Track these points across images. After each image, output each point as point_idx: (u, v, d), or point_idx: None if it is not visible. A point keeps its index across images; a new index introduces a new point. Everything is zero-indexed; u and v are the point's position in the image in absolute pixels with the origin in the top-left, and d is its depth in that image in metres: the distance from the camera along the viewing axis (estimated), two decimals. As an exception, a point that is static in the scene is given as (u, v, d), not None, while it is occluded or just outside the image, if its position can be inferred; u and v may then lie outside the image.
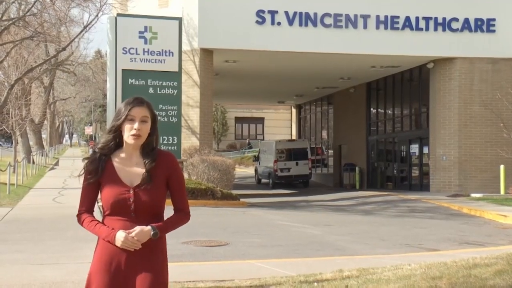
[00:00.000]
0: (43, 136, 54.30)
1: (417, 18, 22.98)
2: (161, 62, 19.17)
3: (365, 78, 29.68)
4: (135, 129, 3.31)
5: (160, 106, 18.55)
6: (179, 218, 3.42)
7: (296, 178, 32.23)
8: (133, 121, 3.33)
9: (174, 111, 19.17)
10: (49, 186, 23.11)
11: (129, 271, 3.28)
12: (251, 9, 22.19)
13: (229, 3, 22.36)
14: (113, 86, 18.81)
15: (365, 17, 22.76)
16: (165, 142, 18.59)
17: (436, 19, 23.08)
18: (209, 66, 22.55)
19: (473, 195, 21.17)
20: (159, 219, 3.36)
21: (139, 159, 3.38)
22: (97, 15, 27.59)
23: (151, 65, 19.10)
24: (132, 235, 3.23)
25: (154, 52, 19.12)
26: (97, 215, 3.42)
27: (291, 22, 22.38)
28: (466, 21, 23.17)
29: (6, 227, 12.58)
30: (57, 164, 41.93)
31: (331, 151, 36.99)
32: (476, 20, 23.19)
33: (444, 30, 23.14)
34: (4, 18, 24.78)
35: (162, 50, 19.18)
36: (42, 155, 40.31)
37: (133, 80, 18.85)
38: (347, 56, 23.54)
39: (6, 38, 26.62)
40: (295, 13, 22.38)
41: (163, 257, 3.38)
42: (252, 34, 22.20)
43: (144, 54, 19.05)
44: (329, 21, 22.63)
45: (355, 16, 22.70)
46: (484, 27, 23.23)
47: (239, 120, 56.43)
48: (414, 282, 6.76)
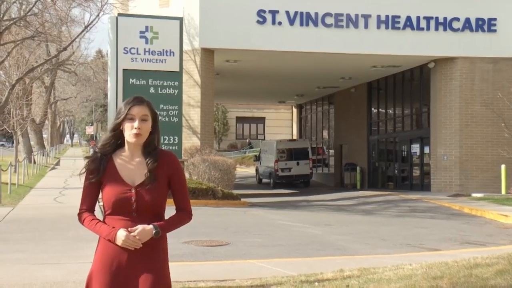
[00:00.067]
0: (44, 136, 54.34)
1: (418, 18, 22.97)
2: (162, 62, 19.17)
3: (366, 78, 29.67)
4: (135, 127, 3.31)
5: (161, 106, 18.55)
6: (181, 217, 3.42)
7: (297, 178, 32.22)
8: (133, 120, 3.33)
9: (175, 111, 19.17)
10: (50, 186, 23.12)
11: (130, 271, 3.27)
12: (252, 9, 22.19)
13: (230, 3, 22.36)
14: (114, 86, 18.81)
15: (366, 17, 22.76)
16: (166, 142, 18.59)
17: (437, 18, 23.07)
18: (210, 66, 22.55)
19: (474, 195, 21.16)
20: (160, 218, 3.35)
21: (141, 159, 3.39)
22: (98, 15, 27.58)
23: (152, 65, 19.10)
24: (134, 233, 3.22)
25: (155, 52, 19.12)
26: (98, 215, 3.42)
27: (292, 22, 22.37)
28: (467, 20, 23.15)
29: (7, 227, 12.59)
30: (58, 164, 41.96)
31: (332, 151, 36.97)
32: (477, 19, 23.18)
33: (445, 29, 23.13)
34: (5, 18, 24.79)
35: (163, 50, 19.19)
36: (43, 155, 40.32)
37: (134, 80, 18.85)
38: (348, 55, 23.53)
39: (7, 38, 26.63)
40: (296, 12, 22.38)
41: (164, 256, 3.38)
42: (253, 34, 22.20)
43: (145, 54, 19.05)
44: (330, 21, 22.63)
45: (356, 15, 22.70)
46: (485, 27, 23.21)
47: (240, 120, 56.45)
48: (415, 282, 6.76)
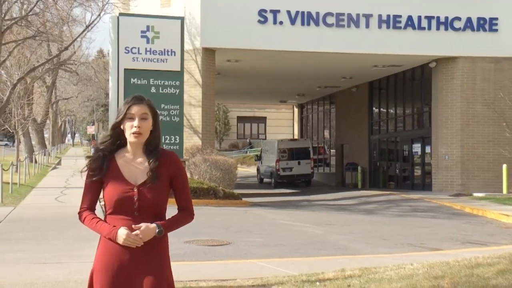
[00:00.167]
0: (46, 135, 54.37)
1: (419, 17, 22.95)
2: (163, 62, 19.17)
3: (367, 78, 29.66)
4: (135, 126, 3.31)
5: (162, 106, 18.54)
6: (183, 217, 3.42)
7: (298, 177, 32.22)
8: (132, 119, 3.33)
9: (176, 111, 19.17)
10: (51, 186, 23.14)
11: (131, 270, 3.27)
12: (253, 9, 22.18)
13: (231, 3, 22.36)
14: (115, 85, 18.81)
15: (367, 17, 22.75)
16: (167, 141, 18.58)
17: (438, 18, 23.05)
18: (211, 65, 22.55)
19: (475, 194, 21.14)
20: (162, 218, 3.35)
21: (142, 158, 3.38)
22: (99, 15, 27.55)
23: (153, 64, 19.10)
24: (137, 232, 3.22)
25: (156, 52, 19.12)
26: (99, 214, 3.42)
27: (293, 22, 22.36)
28: (469, 20, 23.13)
29: (8, 226, 12.61)
30: (59, 163, 42.00)
31: (333, 151, 36.97)
32: (479, 19, 23.16)
33: (446, 29, 23.11)
34: (7, 17, 24.80)
35: (164, 50, 19.18)
36: (45, 155, 40.35)
37: (135, 79, 18.85)
38: (349, 55, 23.52)
39: (9, 38, 26.64)
40: (297, 12, 22.37)
41: (166, 255, 3.38)
42: (254, 34, 22.20)
43: (146, 54, 19.05)
44: (331, 20, 22.62)
45: (357, 15, 22.69)
46: (487, 26, 23.19)
47: (241, 119, 56.43)
48: (416, 281, 6.75)
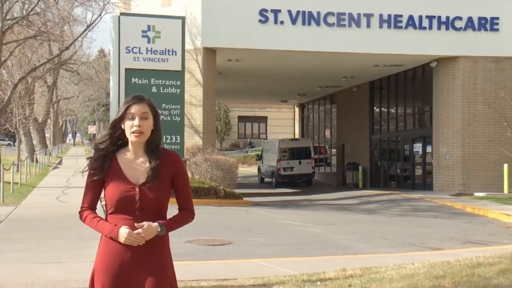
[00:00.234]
0: (47, 135, 54.41)
1: (420, 17, 22.94)
2: (164, 61, 19.17)
3: (368, 77, 29.65)
4: (135, 125, 3.31)
5: (163, 105, 18.55)
6: (184, 216, 3.42)
7: (299, 177, 32.21)
8: (133, 119, 3.33)
9: (177, 110, 19.17)
10: (52, 185, 23.16)
11: (133, 269, 3.27)
12: (254, 8, 22.18)
13: (232, 2, 22.35)
14: (116, 85, 18.82)
15: (368, 16, 22.73)
16: (168, 141, 18.58)
17: (439, 18, 23.04)
18: (212, 65, 22.55)
19: (476, 194, 21.14)
20: (163, 218, 3.34)
21: (144, 157, 3.38)
22: (100, 14, 27.57)
23: (154, 64, 19.10)
24: (139, 230, 3.21)
25: (157, 51, 19.12)
26: (100, 214, 3.41)
27: (294, 21, 22.36)
28: (470, 19, 23.11)
29: (9, 226, 12.62)
30: (60, 163, 42.04)
31: (334, 150, 36.97)
32: (480, 18, 23.14)
33: (447, 29, 23.09)
34: (8, 17, 24.80)
35: (165, 49, 19.19)
36: (46, 154, 40.37)
37: (136, 79, 18.85)
38: (350, 55, 23.51)
39: (10, 37, 26.65)
40: (298, 12, 22.36)
41: (167, 255, 3.37)
42: (255, 33, 22.19)
43: (147, 53, 19.06)
44: (332, 20, 22.61)
45: (358, 15, 22.68)
46: (488, 26, 23.17)
47: (242, 119, 56.42)
48: (417, 281, 6.75)
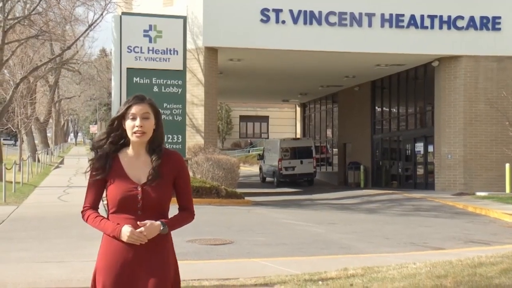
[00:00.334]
0: (48, 134, 54.43)
1: (422, 16, 22.92)
2: (165, 61, 19.17)
3: (370, 77, 29.63)
4: (137, 126, 3.31)
5: (165, 105, 18.55)
6: (185, 216, 3.43)
7: (300, 176, 32.21)
8: (134, 119, 3.33)
9: (178, 110, 19.17)
10: (54, 185, 23.17)
11: (135, 267, 3.27)
12: (256, 8, 22.17)
13: (233, 2, 22.34)
14: (117, 84, 18.82)
15: (370, 16, 22.72)
16: (169, 140, 18.59)
17: (441, 17, 23.02)
18: (214, 64, 22.55)
19: (478, 193, 21.12)
20: (164, 217, 3.35)
21: (146, 157, 3.39)
22: (102, 14, 27.61)
23: (155, 63, 19.10)
24: (142, 229, 3.22)
25: (159, 51, 19.12)
26: (102, 214, 3.41)
27: (295, 21, 22.35)
28: (472, 19, 23.09)
29: (11, 226, 12.63)
30: (62, 162, 42.06)
31: (335, 150, 36.96)
32: (482, 18, 23.11)
33: (449, 28, 23.07)
34: (10, 17, 24.82)
35: (167, 49, 19.19)
36: (47, 154, 40.39)
37: (138, 78, 18.85)
38: (351, 54, 23.50)
39: (12, 37, 26.68)
40: (299, 11, 22.35)
41: (170, 252, 3.37)
42: (256, 33, 22.18)
43: (148, 53, 19.06)
44: (333, 19, 22.59)
45: (360, 14, 22.66)
46: (490, 25, 23.14)
47: (243, 118, 56.44)
48: (419, 280, 6.75)
